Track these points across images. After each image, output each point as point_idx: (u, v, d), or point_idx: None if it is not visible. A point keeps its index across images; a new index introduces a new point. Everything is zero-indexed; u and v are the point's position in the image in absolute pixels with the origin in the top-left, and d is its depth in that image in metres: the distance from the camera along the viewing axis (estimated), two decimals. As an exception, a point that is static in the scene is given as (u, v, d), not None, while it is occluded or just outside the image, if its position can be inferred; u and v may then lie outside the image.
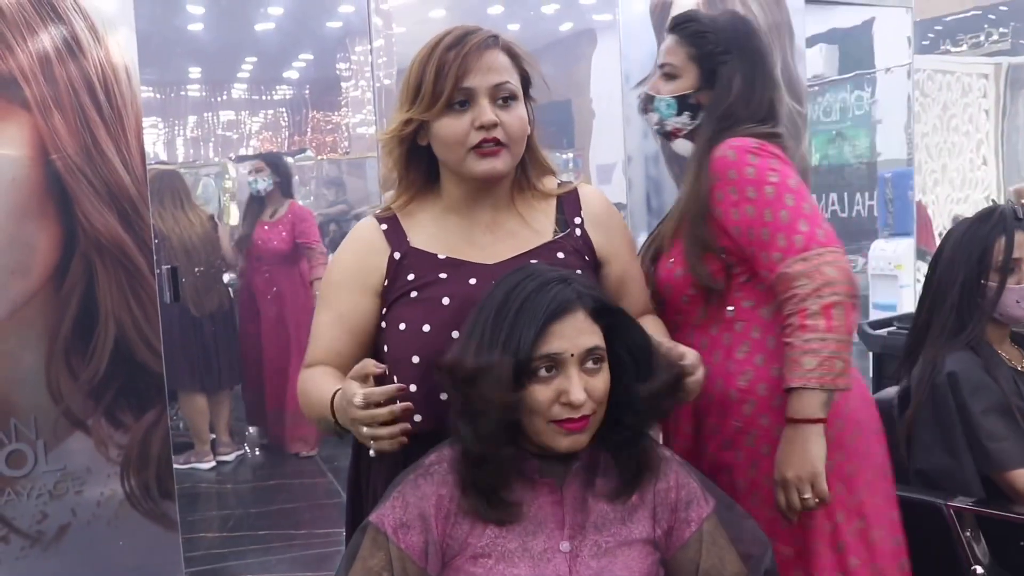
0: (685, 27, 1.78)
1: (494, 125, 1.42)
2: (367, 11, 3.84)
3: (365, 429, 1.26)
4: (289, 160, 6.46)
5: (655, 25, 4.10)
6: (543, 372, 1.26)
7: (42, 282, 2.67)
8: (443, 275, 1.47)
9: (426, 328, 1.43)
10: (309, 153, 6.55)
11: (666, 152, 4.15)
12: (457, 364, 1.29)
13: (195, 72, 6.23)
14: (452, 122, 1.43)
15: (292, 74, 6.55)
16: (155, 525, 2.87)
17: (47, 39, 2.63)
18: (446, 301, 1.44)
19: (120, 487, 2.81)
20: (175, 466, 4.56)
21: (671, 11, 4.10)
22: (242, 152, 6.48)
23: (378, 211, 1.57)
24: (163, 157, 6.13)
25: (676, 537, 1.35)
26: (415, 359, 1.43)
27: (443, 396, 1.39)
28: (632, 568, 1.30)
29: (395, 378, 1.41)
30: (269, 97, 6.56)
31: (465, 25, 1.47)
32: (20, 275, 2.64)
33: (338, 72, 6.50)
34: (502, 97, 1.44)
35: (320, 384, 1.44)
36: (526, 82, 1.51)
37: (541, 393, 1.26)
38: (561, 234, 1.53)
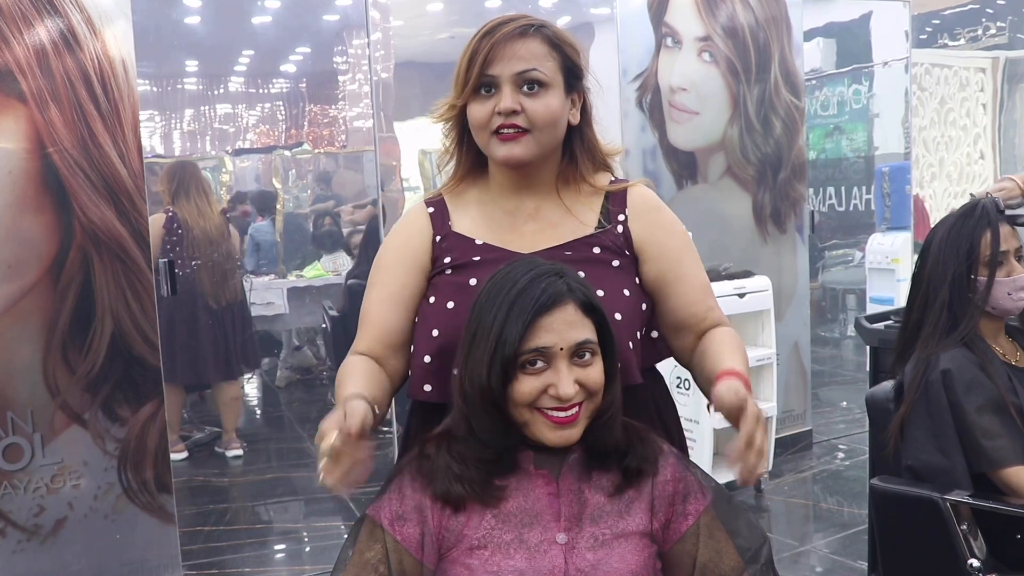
0: None
1: (512, 112, 1.44)
2: (364, 5, 3.83)
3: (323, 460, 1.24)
4: (286, 154, 6.47)
5: (652, 19, 4.10)
6: (532, 365, 1.27)
7: (39, 276, 2.67)
8: (477, 258, 1.51)
9: (450, 305, 1.48)
10: (306, 147, 6.54)
11: (664, 146, 4.16)
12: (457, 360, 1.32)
13: (192, 65, 6.21)
14: (478, 107, 1.47)
15: (289, 68, 6.54)
16: (152, 518, 2.88)
17: (44, 32, 2.62)
18: (473, 282, 1.47)
19: (117, 480, 2.81)
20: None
21: (668, 5, 4.10)
22: (239, 146, 6.47)
23: (429, 195, 1.63)
24: (160, 151, 6.12)
25: (673, 530, 1.35)
26: (435, 332, 1.47)
27: (455, 371, 1.40)
28: (628, 560, 1.30)
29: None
30: (266, 91, 6.55)
31: (510, 14, 1.51)
32: (17, 269, 2.64)
33: (335, 66, 6.49)
34: (526, 83, 1.45)
35: (348, 381, 1.46)
36: (572, 72, 1.52)
37: (529, 385, 1.27)
38: (602, 228, 1.53)
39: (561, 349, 1.27)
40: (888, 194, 5.74)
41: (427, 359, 1.48)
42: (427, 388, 1.49)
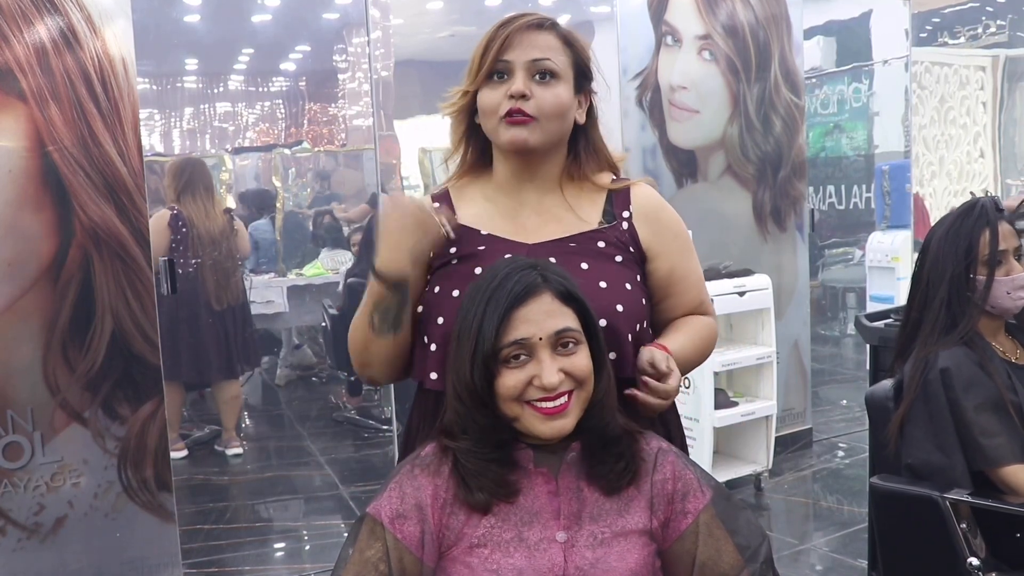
0: None
1: (523, 96, 1.47)
2: (364, 3, 3.83)
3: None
4: (286, 152, 6.46)
5: (652, 18, 4.10)
6: (516, 359, 1.27)
7: (39, 274, 2.67)
8: (482, 248, 1.53)
9: (455, 293, 1.49)
10: (306, 145, 6.54)
11: (663, 144, 4.16)
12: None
13: (192, 64, 6.22)
14: (490, 92, 1.50)
15: (289, 66, 6.55)
16: (152, 517, 2.87)
17: (44, 30, 2.62)
18: (478, 271, 1.48)
19: (117, 479, 2.81)
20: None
21: (668, 4, 4.10)
22: (239, 144, 6.48)
23: (434, 190, 1.67)
24: (160, 149, 6.12)
25: (672, 528, 1.35)
26: (439, 320, 1.49)
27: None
28: (628, 559, 1.30)
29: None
30: (266, 89, 6.56)
31: (525, 10, 1.55)
32: (17, 267, 2.64)
33: (335, 64, 6.50)
34: (539, 73, 1.48)
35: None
36: (582, 71, 1.55)
37: (514, 378, 1.27)
38: (606, 225, 1.55)
39: (540, 339, 1.27)
40: (888, 192, 5.75)
41: (433, 347, 1.49)
42: (433, 376, 1.50)
